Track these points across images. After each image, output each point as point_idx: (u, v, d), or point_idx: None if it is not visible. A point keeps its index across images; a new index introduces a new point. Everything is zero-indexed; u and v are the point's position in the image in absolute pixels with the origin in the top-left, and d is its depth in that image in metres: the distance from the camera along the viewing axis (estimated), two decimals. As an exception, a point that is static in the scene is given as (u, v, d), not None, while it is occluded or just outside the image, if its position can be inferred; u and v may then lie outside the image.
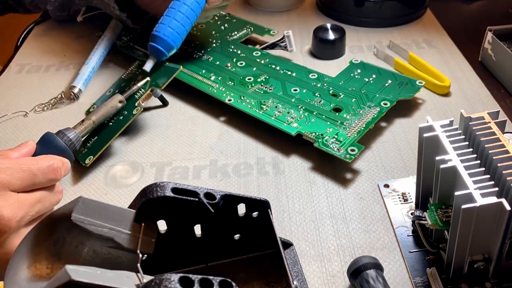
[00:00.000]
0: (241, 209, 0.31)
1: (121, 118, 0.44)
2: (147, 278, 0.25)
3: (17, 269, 0.25)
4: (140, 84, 0.46)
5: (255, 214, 0.32)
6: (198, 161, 0.43)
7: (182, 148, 0.44)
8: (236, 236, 0.33)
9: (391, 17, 0.60)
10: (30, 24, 0.66)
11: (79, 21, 0.60)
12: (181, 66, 0.46)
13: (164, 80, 0.45)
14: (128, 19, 0.55)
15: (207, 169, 0.42)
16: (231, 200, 0.30)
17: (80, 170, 0.42)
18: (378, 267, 0.30)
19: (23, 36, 0.64)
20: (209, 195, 0.29)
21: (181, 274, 0.23)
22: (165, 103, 0.50)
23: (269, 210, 0.31)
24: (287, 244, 0.34)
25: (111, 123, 0.44)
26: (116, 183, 0.41)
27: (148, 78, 0.46)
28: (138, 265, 0.26)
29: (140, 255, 0.27)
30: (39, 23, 0.66)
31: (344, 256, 0.34)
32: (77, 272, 0.22)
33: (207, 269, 0.33)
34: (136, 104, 0.44)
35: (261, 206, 0.31)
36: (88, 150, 0.42)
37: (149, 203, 0.28)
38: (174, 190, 0.28)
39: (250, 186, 0.40)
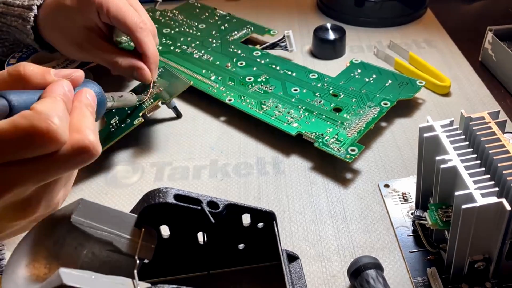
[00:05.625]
0: (246, 218, 0.30)
1: (122, 126, 0.43)
2: (142, 286, 0.25)
3: (16, 266, 0.25)
4: (149, 94, 0.44)
5: (260, 225, 0.31)
6: (198, 161, 0.43)
7: (182, 148, 0.44)
8: (241, 246, 0.32)
9: (391, 17, 0.60)
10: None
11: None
12: (191, 82, 0.44)
13: (171, 94, 0.44)
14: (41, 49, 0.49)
15: (207, 169, 0.42)
16: (235, 209, 0.30)
17: (80, 170, 0.42)
18: (378, 267, 0.30)
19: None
20: (212, 204, 0.29)
21: (174, 286, 0.23)
22: (178, 115, 0.48)
23: (274, 222, 0.31)
24: (293, 257, 0.34)
25: (112, 129, 0.43)
26: (117, 183, 0.41)
27: (154, 89, 0.45)
28: (135, 271, 0.25)
29: (138, 261, 0.26)
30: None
31: (344, 256, 0.34)
32: (70, 276, 0.22)
33: (209, 276, 0.33)
34: (140, 114, 0.42)
35: (266, 218, 0.31)
36: None
37: (151, 208, 0.28)
38: (177, 197, 0.28)
39: (250, 186, 0.40)
